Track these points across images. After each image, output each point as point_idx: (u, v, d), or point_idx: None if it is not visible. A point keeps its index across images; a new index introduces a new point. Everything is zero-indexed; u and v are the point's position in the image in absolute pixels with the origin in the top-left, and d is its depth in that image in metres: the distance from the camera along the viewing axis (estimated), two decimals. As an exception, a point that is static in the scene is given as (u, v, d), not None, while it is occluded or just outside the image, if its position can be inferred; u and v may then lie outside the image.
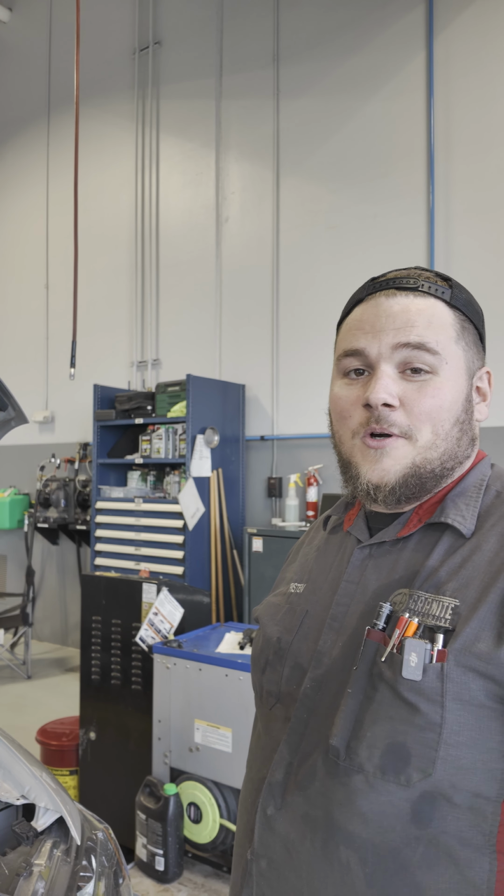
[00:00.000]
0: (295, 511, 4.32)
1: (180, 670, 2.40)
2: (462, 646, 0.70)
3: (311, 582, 0.91)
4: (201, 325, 5.05)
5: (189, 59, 5.19)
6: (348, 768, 0.74)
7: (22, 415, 1.50)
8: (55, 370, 5.93)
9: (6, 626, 4.94)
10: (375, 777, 0.72)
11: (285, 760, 0.81)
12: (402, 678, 0.72)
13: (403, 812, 0.71)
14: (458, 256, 3.96)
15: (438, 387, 0.78)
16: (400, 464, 0.79)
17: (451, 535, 0.79)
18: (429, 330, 0.78)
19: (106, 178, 5.66)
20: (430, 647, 0.71)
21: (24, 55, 6.34)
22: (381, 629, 0.77)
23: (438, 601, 0.74)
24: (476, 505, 0.80)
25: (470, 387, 0.82)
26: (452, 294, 0.81)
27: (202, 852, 2.36)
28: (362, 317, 0.82)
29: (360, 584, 0.83)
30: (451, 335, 0.80)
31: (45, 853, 1.18)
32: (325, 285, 4.46)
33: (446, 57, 4.01)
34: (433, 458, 0.79)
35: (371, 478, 0.79)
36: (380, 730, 0.73)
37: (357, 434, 0.81)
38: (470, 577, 0.74)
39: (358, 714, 0.75)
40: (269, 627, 0.92)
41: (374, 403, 0.78)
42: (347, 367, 0.83)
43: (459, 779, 0.70)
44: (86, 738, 2.78)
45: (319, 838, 0.76)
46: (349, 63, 4.40)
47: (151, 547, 4.42)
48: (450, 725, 0.70)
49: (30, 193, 6.25)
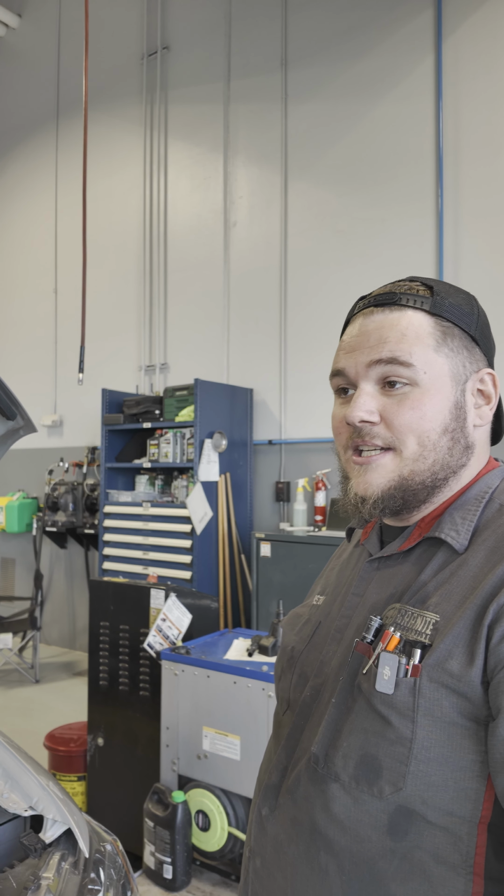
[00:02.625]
0: (303, 515, 4.31)
1: (188, 677, 2.40)
2: (435, 661, 0.70)
3: (330, 594, 0.93)
4: (209, 329, 5.05)
5: (197, 64, 5.19)
6: (325, 776, 0.76)
7: (31, 424, 1.50)
8: (64, 374, 5.95)
9: (14, 629, 4.95)
10: (350, 786, 0.74)
11: (282, 764, 0.84)
12: (375, 691, 0.73)
13: (380, 823, 0.72)
14: (467, 260, 3.94)
15: (418, 398, 0.78)
16: (385, 477, 0.79)
17: (446, 550, 0.79)
18: (402, 343, 0.78)
19: (114, 183, 5.68)
20: (405, 662, 0.72)
21: (33, 61, 6.37)
22: (368, 642, 0.78)
23: (422, 616, 0.74)
24: (473, 519, 0.79)
25: (460, 393, 0.80)
26: (433, 302, 0.80)
27: (210, 860, 2.34)
28: (346, 338, 0.85)
29: (363, 597, 0.85)
30: (429, 344, 0.79)
31: (54, 866, 1.17)
32: (333, 289, 4.45)
33: (455, 60, 4.00)
34: (422, 470, 0.79)
35: (357, 490, 0.81)
36: (355, 740, 0.74)
37: (347, 449, 0.83)
38: (452, 592, 0.74)
39: (338, 723, 0.77)
40: (287, 637, 0.95)
41: (352, 421, 0.80)
42: (336, 386, 0.86)
43: (430, 795, 0.69)
44: (94, 744, 2.77)
45: (304, 842, 0.78)
46: (357, 67, 4.39)
47: (159, 551, 4.42)
48: (420, 741, 0.70)
49: (39, 198, 6.27)
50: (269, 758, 0.90)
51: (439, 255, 4.02)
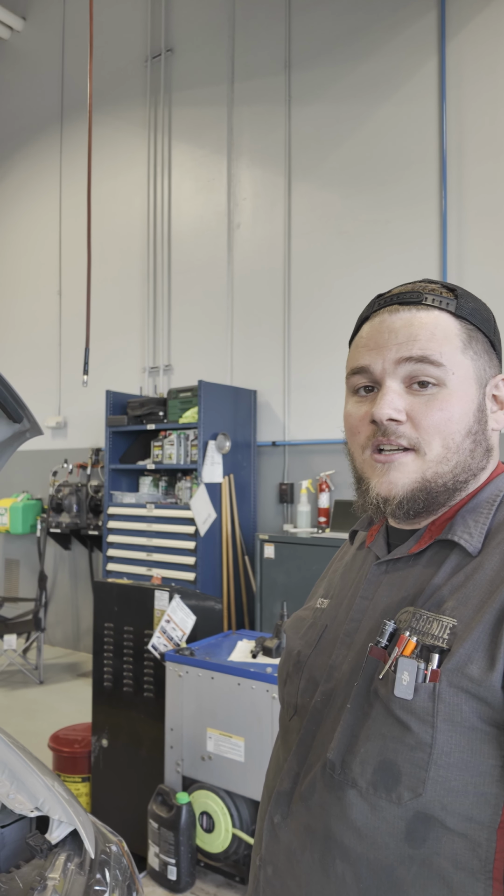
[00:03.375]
0: (307, 517, 4.31)
1: (192, 678, 2.40)
2: (455, 666, 0.70)
3: (335, 597, 0.93)
4: (213, 330, 5.06)
5: (201, 66, 5.20)
6: (342, 782, 0.75)
7: (37, 426, 1.51)
8: (68, 376, 5.96)
9: (19, 630, 4.96)
10: (368, 793, 0.73)
11: (293, 771, 0.83)
12: (394, 696, 0.72)
13: (398, 830, 0.71)
14: (471, 261, 3.94)
15: (446, 399, 0.77)
16: (409, 477, 0.78)
17: (459, 553, 0.79)
18: (432, 342, 0.78)
19: (118, 185, 5.69)
20: (423, 667, 0.71)
21: (37, 63, 6.39)
22: (383, 647, 0.77)
23: (438, 620, 0.74)
24: (486, 521, 0.79)
25: (482, 396, 0.81)
26: (458, 304, 0.80)
27: (215, 862, 2.35)
28: (367, 334, 0.83)
29: (373, 601, 0.84)
30: (458, 346, 0.79)
31: (59, 866, 1.18)
32: (337, 290, 4.45)
33: (458, 62, 4.00)
34: (444, 472, 0.78)
35: (380, 490, 0.79)
36: (373, 746, 0.73)
37: (366, 448, 0.81)
38: (469, 596, 0.74)
39: (354, 729, 0.76)
40: (292, 641, 0.94)
41: (379, 419, 0.78)
42: (356, 384, 0.84)
43: (450, 801, 0.69)
44: (98, 745, 2.78)
45: (318, 850, 0.77)
46: (361, 68, 4.40)
47: (163, 553, 4.43)
48: (440, 746, 0.69)
49: (43, 200, 6.29)
50: (277, 763, 0.89)
51: (443, 257, 4.02)
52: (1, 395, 1.43)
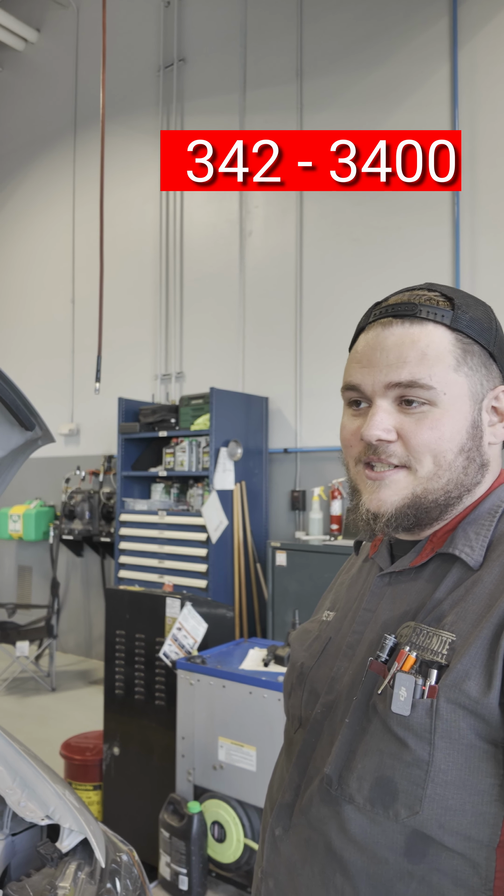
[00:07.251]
0: (319, 524, 4.29)
1: (204, 687, 2.39)
2: (452, 682, 0.69)
3: (340, 610, 0.92)
4: (225, 338, 5.06)
5: (213, 76, 5.24)
6: (339, 797, 0.75)
7: (49, 434, 1.51)
8: (80, 383, 5.99)
9: (31, 637, 4.97)
10: (365, 809, 0.72)
11: (294, 783, 0.83)
12: (391, 712, 0.71)
13: (397, 845, 0.71)
14: (484, 267, 3.93)
15: (437, 418, 0.76)
16: (399, 495, 0.78)
17: (460, 567, 0.78)
18: (421, 365, 0.76)
19: (131, 194, 5.73)
20: (421, 683, 0.70)
21: (51, 74, 6.46)
22: (383, 661, 0.76)
23: (438, 635, 0.73)
24: (487, 534, 0.78)
25: (477, 412, 0.79)
26: (455, 316, 0.78)
27: (226, 872, 2.33)
28: (361, 350, 0.82)
29: (375, 613, 0.84)
30: (450, 363, 0.77)
31: (70, 875, 1.17)
32: (349, 297, 4.45)
33: (471, 69, 4.00)
34: (436, 489, 0.78)
35: (370, 507, 0.79)
36: (370, 762, 0.73)
37: (359, 461, 0.81)
38: (468, 611, 0.73)
39: (352, 744, 0.76)
40: (297, 653, 0.93)
41: (367, 440, 0.78)
42: (349, 398, 0.83)
43: (447, 819, 0.68)
44: (109, 753, 2.77)
45: (318, 864, 0.77)
46: (373, 76, 4.40)
47: (175, 560, 4.42)
48: (438, 764, 0.68)
49: (56, 209, 6.35)
50: (280, 775, 0.88)
51: (456, 263, 4.01)
52: (13, 402, 1.44)
